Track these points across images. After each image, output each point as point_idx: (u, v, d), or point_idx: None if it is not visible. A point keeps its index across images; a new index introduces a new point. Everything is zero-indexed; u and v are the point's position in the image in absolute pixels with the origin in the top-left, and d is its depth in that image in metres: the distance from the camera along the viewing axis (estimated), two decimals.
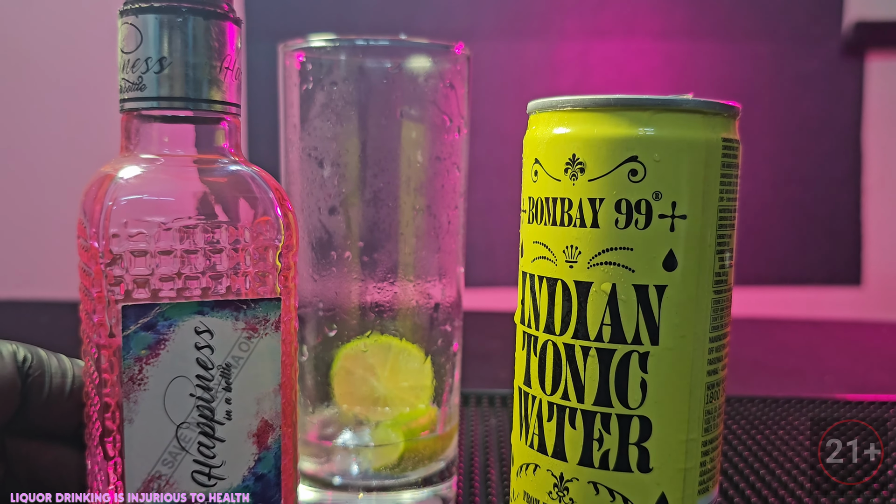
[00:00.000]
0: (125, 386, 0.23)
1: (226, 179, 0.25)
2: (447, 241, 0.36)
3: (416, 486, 0.35)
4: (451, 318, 0.36)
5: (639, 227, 0.24)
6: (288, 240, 0.26)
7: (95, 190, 0.24)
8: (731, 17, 1.40)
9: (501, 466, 0.43)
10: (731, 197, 0.25)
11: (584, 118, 0.25)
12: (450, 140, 0.35)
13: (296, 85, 0.34)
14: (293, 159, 0.35)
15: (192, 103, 0.24)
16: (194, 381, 0.24)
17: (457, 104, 0.35)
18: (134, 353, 0.23)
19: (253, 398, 0.25)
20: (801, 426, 0.50)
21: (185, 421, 0.24)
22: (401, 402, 0.35)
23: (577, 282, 0.24)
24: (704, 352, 0.25)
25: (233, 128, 0.26)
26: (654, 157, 0.23)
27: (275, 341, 0.25)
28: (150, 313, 0.23)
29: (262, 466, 0.25)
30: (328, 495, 0.35)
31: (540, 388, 0.26)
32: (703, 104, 0.24)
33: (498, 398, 0.55)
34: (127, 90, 0.24)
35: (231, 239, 0.24)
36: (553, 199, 0.25)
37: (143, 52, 0.24)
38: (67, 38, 1.34)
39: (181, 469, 0.24)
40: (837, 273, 1.43)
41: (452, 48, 0.34)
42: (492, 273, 1.43)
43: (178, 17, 0.24)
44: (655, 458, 0.24)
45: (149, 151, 0.25)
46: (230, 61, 0.25)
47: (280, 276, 0.25)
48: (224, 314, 0.24)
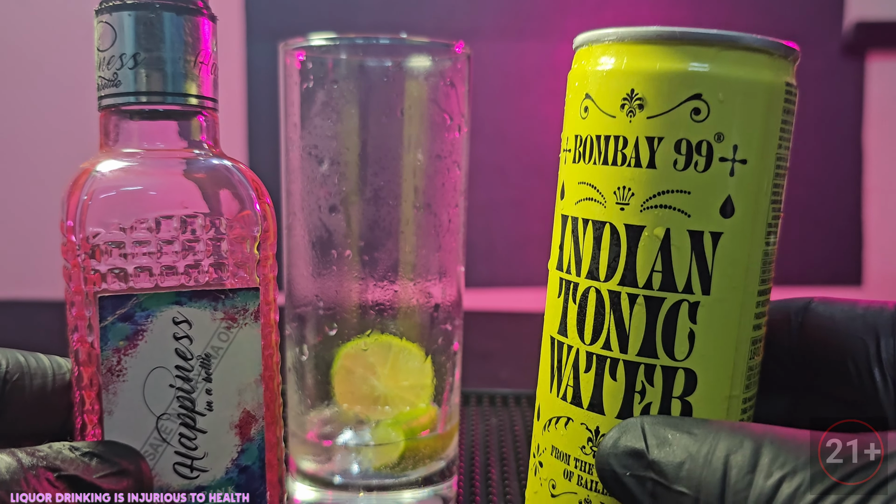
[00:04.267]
0: (104, 377, 0.23)
1: (205, 171, 0.26)
2: (447, 239, 0.36)
3: (417, 485, 0.35)
4: (452, 317, 0.36)
5: (698, 169, 0.22)
6: (266, 230, 0.26)
7: (72, 184, 0.24)
8: (732, 17, 1.40)
9: (502, 465, 0.43)
10: (787, 145, 0.24)
11: (645, 52, 0.23)
12: (450, 138, 0.35)
13: (296, 84, 0.34)
14: (294, 158, 0.35)
15: (167, 97, 0.25)
16: (174, 372, 0.24)
17: (457, 103, 0.35)
18: (112, 344, 0.23)
19: (234, 388, 0.25)
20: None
21: (166, 412, 0.24)
22: (401, 402, 0.35)
23: (628, 225, 0.23)
24: (752, 305, 0.24)
25: (210, 122, 0.26)
26: (718, 96, 0.22)
27: (254, 331, 0.25)
28: (128, 304, 0.23)
29: (246, 458, 0.25)
30: (328, 494, 0.35)
31: (578, 337, 0.25)
32: (770, 44, 0.23)
33: (498, 397, 0.55)
34: (103, 87, 0.25)
35: (209, 230, 0.25)
36: (606, 136, 0.23)
37: (118, 48, 0.24)
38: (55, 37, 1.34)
39: (163, 461, 0.24)
40: (838, 274, 1.43)
41: (453, 47, 0.34)
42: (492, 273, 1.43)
43: (150, 13, 0.24)
44: (697, 412, 0.23)
45: (127, 146, 0.25)
46: (205, 56, 0.25)
47: (258, 266, 0.26)
48: (202, 304, 0.24)
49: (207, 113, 0.26)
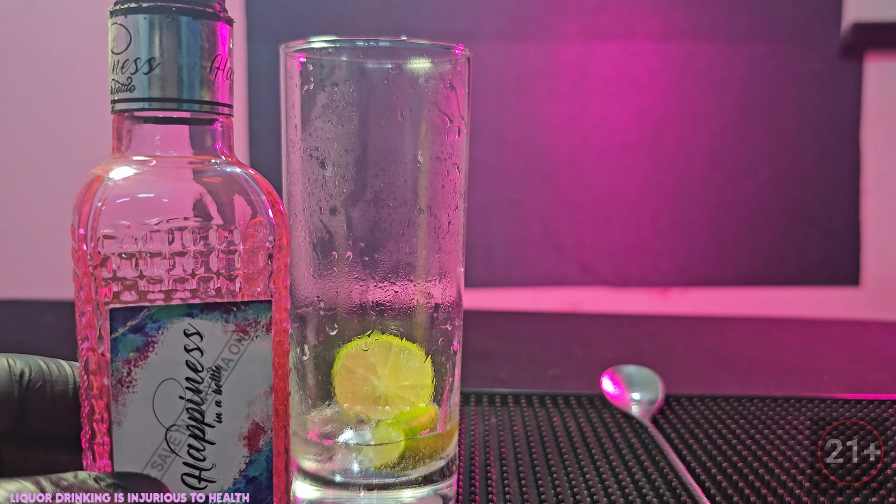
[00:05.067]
0: (114, 388, 0.23)
1: (218, 180, 0.25)
2: (447, 240, 0.36)
3: (417, 484, 0.36)
4: (452, 317, 0.37)
5: None
6: (279, 241, 0.25)
7: (85, 191, 0.24)
8: (731, 19, 1.40)
9: (501, 465, 0.43)
10: None
11: None
12: (450, 140, 0.35)
13: (297, 86, 0.34)
14: (295, 160, 0.35)
15: (182, 104, 0.24)
16: (184, 384, 0.24)
17: (457, 105, 0.35)
18: (122, 355, 0.23)
19: (244, 401, 0.25)
20: (800, 425, 0.50)
21: (175, 423, 0.24)
22: (401, 401, 0.36)
23: None
24: None
25: (225, 129, 0.26)
26: None
27: (266, 343, 0.25)
28: (139, 316, 0.23)
29: (254, 469, 0.25)
30: (329, 493, 0.35)
31: None
32: None
33: (498, 397, 0.56)
34: (117, 91, 0.24)
35: (222, 240, 0.24)
36: None
37: (133, 52, 0.23)
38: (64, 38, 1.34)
39: (171, 472, 0.24)
40: (836, 274, 1.43)
41: (453, 49, 0.35)
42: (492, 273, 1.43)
43: (167, 17, 0.23)
44: None
45: (140, 153, 0.24)
46: (221, 61, 0.25)
47: (272, 277, 0.25)
48: (214, 316, 0.24)
49: (223, 119, 0.25)
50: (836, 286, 1.43)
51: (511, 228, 1.43)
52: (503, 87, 1.40)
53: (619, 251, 1.44)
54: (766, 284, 1.42)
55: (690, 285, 1.44)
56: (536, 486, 0.40)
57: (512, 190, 1.42)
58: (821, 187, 1.40)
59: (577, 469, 0.43)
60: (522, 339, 0.81)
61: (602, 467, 0.43)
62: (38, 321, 0.82)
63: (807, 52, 1.40)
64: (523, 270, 1.44)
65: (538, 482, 0.41)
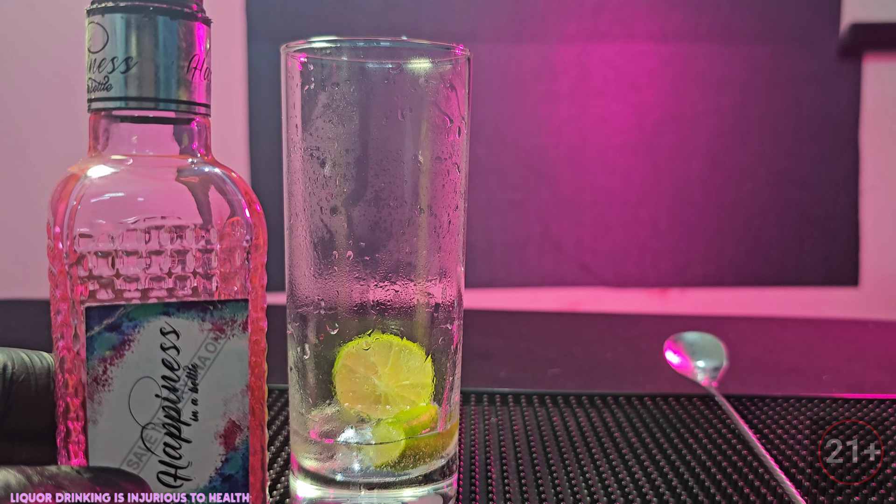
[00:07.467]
0: (89, 387, 0.23)
1: (196, 180, 0.25)
2: (447, 240, 0.36)
3: (417, 483, 0.36)
4: (452, 316, 0.37)
5: None
6: (256, 240, 0.25)
7: (61, 190, 0.24)
8: (729, 20, 1.40)
9: (501, 464, 0.43)
10: None
11: None
12: (450, 140, 0.35)
13: (298, 86, 0.35)
14: (295, 159, 0.35)
15: (158, 103, 0.24)
16: (160, 382, 0.24)
17: (457, 105, 0.35)
18: (98, 353, 0.23)
19: (220, 399, 0.25)
20: (800, 424, 0.50)
21: (151, 422, 0.24)
22: (402, 400, 0.36)
23: None
24: None
25: (202, 128, 0.26)
26: None
27: (242, 342, 0.25)
28: (115, 314, 0.23)
29: (230, 467, 0.25)
30: (330, 492, 0.35)
31: None
32: None
33: (498, 396, 0.56)
34: (94, 90, 0.24)
35: (199, 240, 0.24)
36: None
37: (110, 51, 0.24)
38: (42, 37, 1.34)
39: (147, 470, 0.24)
40: (835, 274, 1.43)
41: (453, 49, 0.35)
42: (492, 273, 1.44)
43: (144, 16, 0.23)
44: None
45: (116, 152, 0.24)
46: (198, 61, 0.25)
47: (248, 276, 0.25)
48: (190, 315, 0.24)
49: (200, 119, 0.25)
50: (835, 286, 1.43)
51: (511, 228, 1.43)
52: (503, 88, 1.40)
53: (619, 251, 1.44)
54: (764, 285, 1.43)
55: (689, 285, 1.44)
56: (536, 485, 0.41)
57: (512, 190, 1.42)
58: (819, 188, 1.40)
59: (577, 469, 0.43)
60: (522, 339, 0.82)
61: (602, 467, 0.43)
62: (35, 321, 0.82)
63: (805, 53, 1.41)
64: (523, 270, 1.44)
65: (538, 481, 0.41)
